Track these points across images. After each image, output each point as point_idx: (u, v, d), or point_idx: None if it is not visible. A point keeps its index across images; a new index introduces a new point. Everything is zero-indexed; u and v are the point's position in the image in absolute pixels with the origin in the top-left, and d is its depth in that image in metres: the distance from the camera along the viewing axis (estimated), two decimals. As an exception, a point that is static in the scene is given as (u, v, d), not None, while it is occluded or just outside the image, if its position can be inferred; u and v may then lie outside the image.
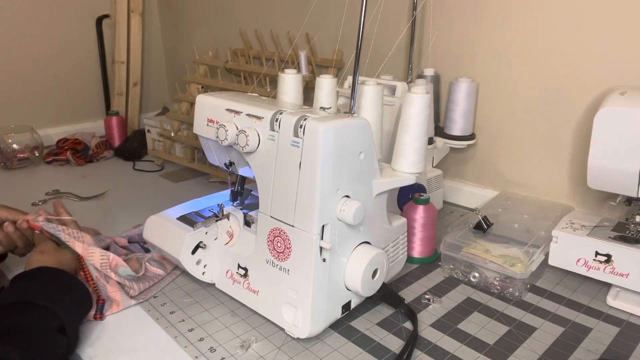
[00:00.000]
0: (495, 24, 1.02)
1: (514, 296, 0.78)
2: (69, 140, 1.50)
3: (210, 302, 0.76)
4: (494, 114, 1.07)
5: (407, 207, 0.89)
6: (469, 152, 1.14)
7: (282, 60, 1.30)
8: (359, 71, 0.69)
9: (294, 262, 0.67)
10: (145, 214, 0.83)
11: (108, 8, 1.73)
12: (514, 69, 1.02)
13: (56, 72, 1.67)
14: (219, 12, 1.64)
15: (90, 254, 0.75)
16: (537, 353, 0.65)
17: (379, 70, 0.99)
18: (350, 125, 0.65)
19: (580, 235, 0.78)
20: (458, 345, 0.67)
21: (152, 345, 0.67)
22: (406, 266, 0.85)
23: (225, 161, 0.80)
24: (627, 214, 0.81)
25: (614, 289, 0.77)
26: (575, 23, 0.92)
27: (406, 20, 1.15)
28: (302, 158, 0.63)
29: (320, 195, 0.63)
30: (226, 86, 1.33)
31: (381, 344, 0.67)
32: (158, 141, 1.48)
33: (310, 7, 1.28)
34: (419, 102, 0.71)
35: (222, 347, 0.66)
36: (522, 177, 1.07)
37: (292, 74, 0.83)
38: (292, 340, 0.68)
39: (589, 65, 0.92)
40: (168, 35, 1.89)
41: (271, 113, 0.67)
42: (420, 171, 0.74)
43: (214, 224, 0.78)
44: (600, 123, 0.74)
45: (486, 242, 0.83)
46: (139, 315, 0.73)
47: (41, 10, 1.59)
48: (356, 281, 0.67)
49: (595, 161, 0.76)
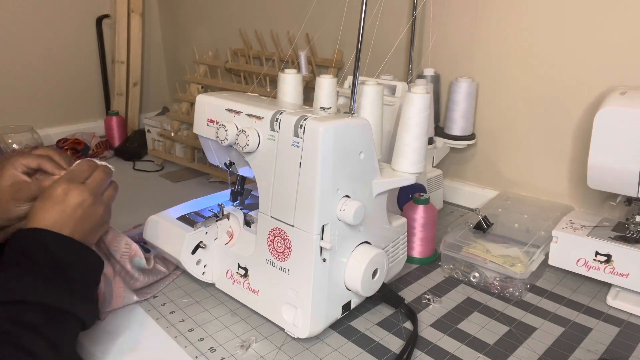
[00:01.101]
0: (495, 24, 1.02)
1: (514, 296, 0.78)
2: (69, 140, 1.50)
3: (210, 302, 0.76)
4: (494, 114, 1.07)
5: (407, 207, 0.89)
6: (469, 152, 1.14)
7: (282, 60, 1.30)
8: (359, 71, 0.69)
9: (294, 262, 0.67)
10: (145, 214, 0.83)
11: (108, 8, 1.73)
12: (514, 69, 1.02)
13: (56, 72, 1.67)
14: (219, 12, 1.64)
15: (117, 242, 0.73)
16: (537, 353, 0.65)
17: (379, 70, 0.99)
18: (350, 125, 0.65)
19: (580, 235, 0.78)
20: (458, 345, 0.67)
21: (152, 345, 0.67)
22: (406, 266, 0.85)
23: (225, 161, 0.80)
24: (627, 214, 0.81)
25: (614, 289, 0.77)
26: (576, 23, 0.92)
27: (406, 20, 1.15)
28: (302, 158, 0.63)
29: (320, 195, 0.63)
30: (226, 86, 1.33)
31: (381, 344, 0.67)
32: (158, 141, 1.48)
33: (310, 7, 1.28)
34: (419, 102, 0.71)
35: (222, 347, 0.66)
36: (522, 177, 1.07)
37: (292, 74, 0.83)
38: (292, 340, 0.68)
39: (589, 65, 0.92)
40: (168, 35, 1.89)
41: (271, 113, 0.67)
42: (420, 171, 0.74)
43: (214, 224, 0.78)
44: (600, 123, 0.74)
45: (486, 242, 0.83)
46: (139, 315, 0.73)
47: (41, 10, 1.59)
48: (356, 281, 0.67)
49: (595, 161, 0.76)
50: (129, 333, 0.69)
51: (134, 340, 0.68)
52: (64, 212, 0.61)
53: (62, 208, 0.61)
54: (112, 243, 0.73)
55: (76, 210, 0.62)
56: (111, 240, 0.73)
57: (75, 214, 0.62)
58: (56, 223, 0.60)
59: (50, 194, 0.62)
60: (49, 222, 0.60)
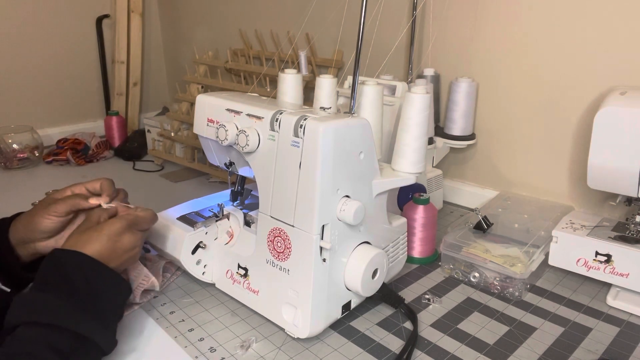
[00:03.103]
0: (495, 24, 1.02)
1: (514, 296, 0.78)
2: (69, 140, 1.50)
3: (210, 302, 0.76)
4: (494, 114, 1.07)
5: (407, 207, 0.89)
6: (469, 152, 1.14)
7: (282, 60, 1.30)
8: (359, 71, 0.69)
9: (294, 262, 0.67)
10: (145, 214, 0.83)
11: (108, 8, 1.73)
12: (514, 69, 1.02)
13: (56, 72, 1.67)
14: (219, 12, 1.64)
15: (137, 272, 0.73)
16: (537, 353, 0.65)
17: (379, 70, 0.99)
18: (350, 125, 0.65)
19: (580, 235, 0.78)
20: (458, 345, 0.67)
21: (152, 345, 0.67)
22: (406, 266, 0.85)
23: (225, 161, 0.80)
24: (627, 214, 0.81)
25: (614, 289, 0.77)
26: (575, 23, 0.92)
27: (406, 20, 1.15)
28: (302, 158, 0.63)
29: (320, 195, 0.63)
30: (226, 86, 1.33)
31: (381, 344, 0.67)
32: (158, 141, 1.48)
33: (310, 7, 1.28)
34: (419, 102, 0.71)
35: (222, 347, 0.66)
36: (522, 177, 1.07)
37: (292, 74, 0.83)
38: (292, 340, 0.68)
39: (589, 65, 0.92)
40: (168, 35, 1.89)
41: (271, 113, 0.67)
42: (420, 171, 0.74)
43: (214, 224, 0.78)
44: (600, 123, 0.74)
45: (486, 242, 0.83)
46: (139, 315, 0.73)
47: (41, 10, 1.59)
48: (356, 281, 0.67)
49: (595, 161, 0.76)
50: (129, 333, 0.69)
51: (134, 340, 0.68)
52: (113, 252, 0.63)
53: (113, 246, 0.63)
54: (131, 272, 0.73)
55: (126, 252, 0.64)
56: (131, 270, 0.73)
57: (123, 256, 0.64)
58: (102, 256, 0.61)
59: (106, 228, 0.63)
60: (94, 251, 0.61)
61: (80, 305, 0.57)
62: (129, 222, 0.65)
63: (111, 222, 0.64)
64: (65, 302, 0.56)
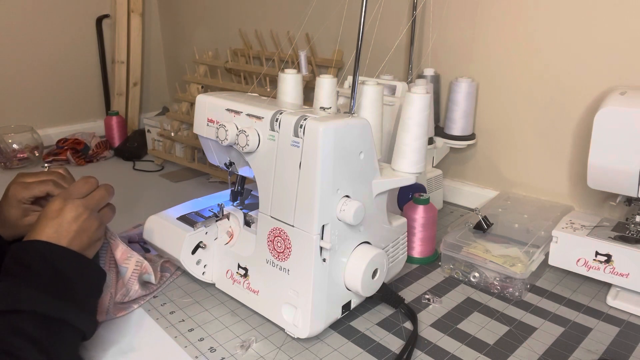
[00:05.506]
0: (495, 24, 1.02)
1: (514, 296, 0.78)
2: (69, 140, 1.50)
3: (210, 302, 0.76)
4: (494, 114, 1.07)
5: (407, 207, 0.89)
6: (469, 152, 1.14)
7: (282, 60, 1.30)
8: (359, 71, 0.69)
9: (294, 262, 0.67)
10: (145, 214, 0.83)
11: (108, 8, 1.73)
12: (514, 69, 1.02)
13: (56, 72, 1.67)
14: (219, 12, 1.64)
15: (128, 259, 0.73)
16: (537, 353, 0.65)
17: (379, 70, 0.99)
18: (350, 125, 0.65)
19: (580, 235, 0.78)
20: (458, 345, 0.67)
21: (152, 345, 0.67)
22: (406, 266, 0.85)
23: (225, 161, 0.80)
24: (627, 214, 0.81)
25: (614, 289, 0.77)
26: (575, 23, 0.92)
27: (406, 20, 1.15)
28: (302, 158, 0.63)
29: (320, 195, 0.63)
30: (226, 86, 1.33)
31: (381, 344, 0.67)
32: (158, 141, 1.48)
33: (310, 7, 1.28)
34: (419, 102, 0.71)
35: (222, 347, 0.66)
36: (522, 177, 1.07)
37: (292, 74, 0.83)
38: (292, 340, 0.68)
39: (589, 65, 0.92)
40: (168, 35, 1.89)
41: (271, 113, 0.67)
42: (420, 171, 0.74)
43: (214, 224, 0.78)
44: (600, 123, 0.74)
45: (486, 242, 0.83)
46: (139, 315, 0.73)
47: (41, 10, 1.59)
48: (356, 281, 0.67)
49: (595, 161, 0.76)
50: (129, 333, 0.69)
51: (134, 340, 0.68)
52: (60, 227, 0.62)
53: (58, 222, 0.62)
54: (122, 260, 0.73)
55: (71, 224, 0.63)
56: (122, 257, 0.73)
57: (70, 228, 0.63)
58: (51, 237, 0.61)
59: (47, 210, 0.63)
60: (45, 235, 0.61)
61: (44, 288, 0.57)
62: (63, 196, 0.65)
63: (48, 203, 0.64)
64: (26, 287, 0.56)
